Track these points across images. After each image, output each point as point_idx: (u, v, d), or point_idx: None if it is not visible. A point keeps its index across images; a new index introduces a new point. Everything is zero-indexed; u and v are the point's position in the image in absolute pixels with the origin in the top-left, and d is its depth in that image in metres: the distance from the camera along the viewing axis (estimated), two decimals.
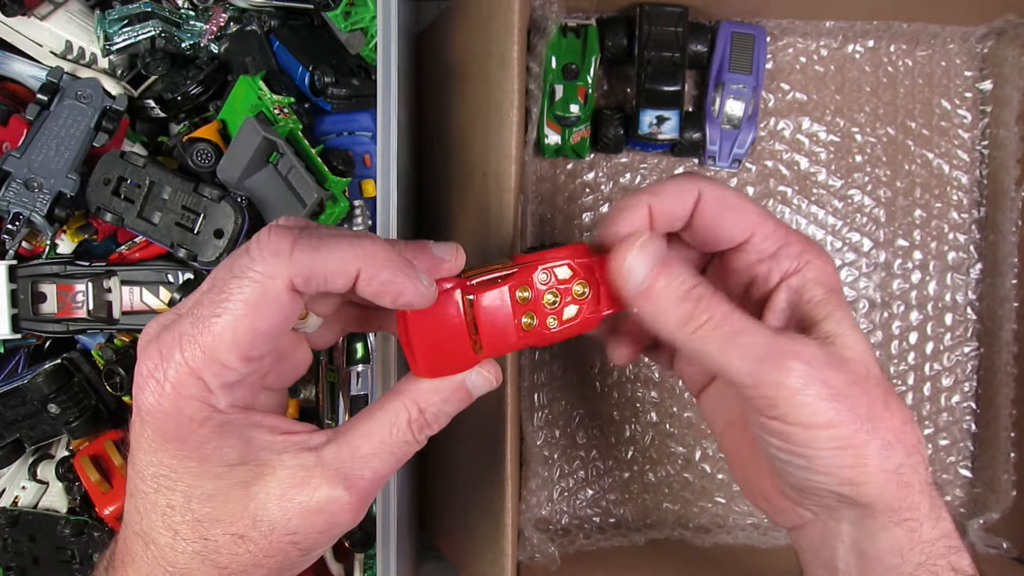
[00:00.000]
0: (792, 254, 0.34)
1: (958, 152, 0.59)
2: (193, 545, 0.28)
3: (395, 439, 0.31)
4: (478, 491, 0.47)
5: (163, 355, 0.27)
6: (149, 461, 0.28)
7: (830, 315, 0.32)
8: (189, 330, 0.27)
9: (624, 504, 0.59)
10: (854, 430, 0.30)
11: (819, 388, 0.30)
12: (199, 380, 0.27)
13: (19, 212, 0.46)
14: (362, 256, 0.28)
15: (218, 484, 0.28)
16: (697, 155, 0.58)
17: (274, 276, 0.27)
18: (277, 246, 0.27)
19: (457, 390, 0.32)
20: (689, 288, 0.31)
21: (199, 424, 0.27)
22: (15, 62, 0.51)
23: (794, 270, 0.34)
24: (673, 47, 0.54)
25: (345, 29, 0.50)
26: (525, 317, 0.32)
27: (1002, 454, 0.56)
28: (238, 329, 0.27)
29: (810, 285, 0.33)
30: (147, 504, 0.29)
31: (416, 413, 0.31)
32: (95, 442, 0.51)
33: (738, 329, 0.31)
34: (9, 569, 0.52)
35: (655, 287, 0.31)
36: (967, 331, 0.60)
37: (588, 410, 0.59)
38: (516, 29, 0.41)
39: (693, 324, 0.31)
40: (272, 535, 0.28)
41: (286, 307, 0.27)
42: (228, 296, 0.27)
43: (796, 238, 0.34)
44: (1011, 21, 0.55)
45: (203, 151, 0.47)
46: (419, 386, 0.32)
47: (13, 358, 0.53)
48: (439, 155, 0.54)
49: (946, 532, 0.33)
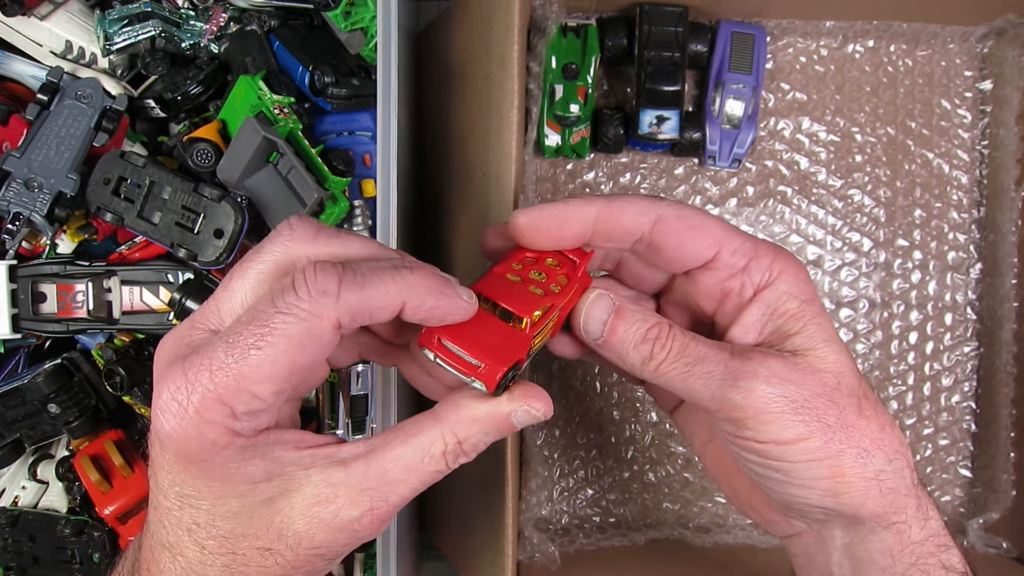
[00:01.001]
0: (763, 266, 0.33)
1: (958, 152, 0.59)
2: (222, 559, 0.28)
3: (427, 467, 0.30)
4: (478, 491, 0.47)
5: (188, 379, 0.27)
6: (172, 481, 0.28)
7: (803, 328, 0.32)
8: (223, 357, 0.27)
9: (624, 504, 0.59)
10: (825, 441, 0.30)
11: (782, 404, 0.30)
12: (225, 407, 0.27)
13: (19, 212, 0.46)
14: (406, 289, 0.28)
15: (243, 502, 0.28)
16: (697, 155, 0.58)
17: (321, 316, 0.27)
18: (325, 286, 0.27)
19: (501, 425, 0.31)
20: (645, 331, 0.32)
21: (222, 448, 0.27)
22: (15, 62, 0.51)
23: (767, 283, 0.33)
24: (673, 47, 0.54)
25: (345, 29, 0.50)
26: (531, 285, 0.32)
27: (1002, 454, 0.56)
28: (278, 363, 0.26)
29: (784, 298, 0.33)
30: (172, 520, 0.29)
31: (454, 444, 0.30)
32: (95, 442, 0.51)
33: (696, 358, 0.32)
34: (9, 569, 0.52)
35: (612, 338, 0.33)
36: (967, 331, 0.60)
37: (588, 410, 0.59)
38: (516, 29, 0.41)
39: (654, 362, 0.32)
40: (299, 548, 0.28)
41: (328, 345, 0.28)
42: (272, 330, 0.26)
43: (765, 250, 0.34)
44: (1011, 21, 0.55)
45: (203, 151, 0.47)
46: (460, 415, 0.30)
47: (13, 358, 0.53)
48: (439, 155, 0.54)
49: (935, 531, 0.33)
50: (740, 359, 0.31)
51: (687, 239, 0.33)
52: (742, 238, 0.33)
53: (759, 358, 0.31)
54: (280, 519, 0.28)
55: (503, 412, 0.31)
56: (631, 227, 0.33)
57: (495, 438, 0.31)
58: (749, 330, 0.33)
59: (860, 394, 0.32)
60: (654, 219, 0.33)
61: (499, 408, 0.31)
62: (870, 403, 0.32)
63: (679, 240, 0.33)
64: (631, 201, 0.33)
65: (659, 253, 0.34)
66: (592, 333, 0.33)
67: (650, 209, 0.33)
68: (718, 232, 0.33)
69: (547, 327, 0.33)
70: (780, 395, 0.30)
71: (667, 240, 0.33)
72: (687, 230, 0.33)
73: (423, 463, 0.30)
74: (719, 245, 0.33)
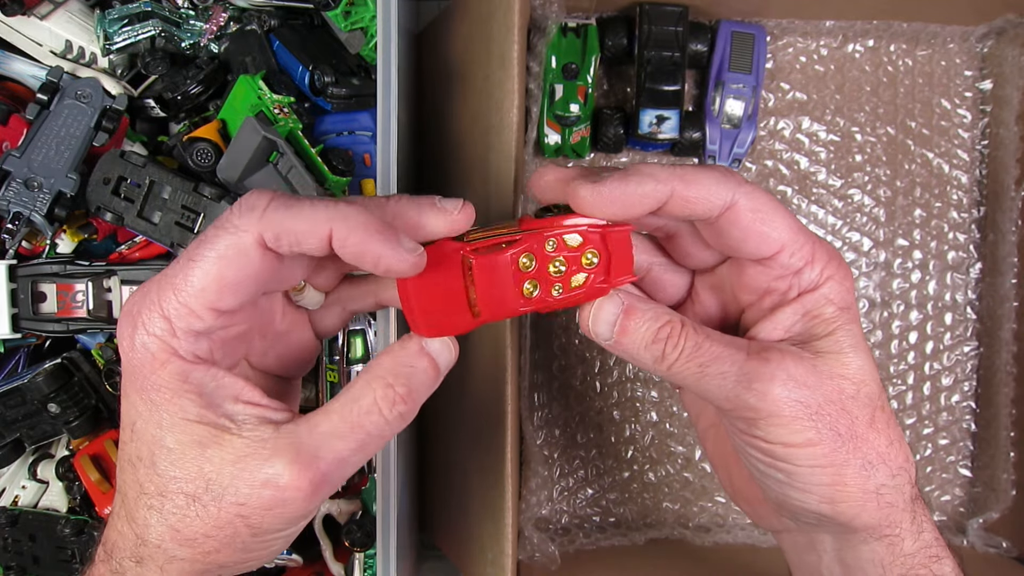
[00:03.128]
0: (815, 271, 0.32)
1: (958, 152, 0.59)
2: (152, 500, 0.29)
3: (361, 421, 0.29)
4: (478, 491, 0.47)
5: (141, 296, 0.29)
6: (127, 408, 0.30)
7: (833, 333, 0.32)
8: (168, 274, 0.29)
9: (624, 503, 0.59)
10: (833, 448, 0.30)
11: (795, 408, 0.30)
12: (165, 319, 0.28)
13: (19, 212, 0.46)
14: (335, 217, 0.28)
15: (177, 439, 0.28)
16: (697, 155, 0.58)
17: (247, 229, 0.28)
18: (253, 203, 0.29)
19: (419, 356, 0.31)
20: (656, 330, 0.32)
21: (161, 365, 0.28)
22: (15, 62, 0.51)
23: (812, 287, 0.32)
24: (673, 47, 0.54)
25: (345, 29, 0.50)
26: (528, 284, 0.31)
27: (1002, 454, 0.56)
28: (207, 276, 0.28)
29: (822, 302, 0.32)
30: (124, 457, 0.30)
31: (383, 388, 0.30)
32: (95, 442, 0.51)
33: (711, 358, 0.31)
34: (9, 569, 0.52)
35: (623, 338, 0.32)
36: (967, 330, 0.60)
37: (588, 410, 0.59)
38: (516, 29, 0.41)
39: (667, 362, 0.32)
40: (221, 502, 0.28)
41: (255, 262, 0.28)
42: (206, 246, 0.28)
43: (821, 254, 0.32)
44: (1011, 21, 0.55)
45: (203, 151, 0.47)
46: (380, 362, 0.31)
47: (13, 358, 0.53)
48: (439, 155, 0.54)
49: (927, 543, 0.33)
50: (757, 359, 0.31)
51: (753, 233, 0.32)
52: (804, 239, 0.32)
53: (777, 359, 0.31)
54: (209, 468, 0.28)
55: (414, 341, 0.31)
56: (702, 211, 0.31)
57: (423, 377, 0.31)
58: (778, 327, 0.33)
59: (877, 405, 0.32)
60: (727, 203, 0.31)
61: (410, 339, 0.31)
62: (884, 415, 0.32)
63: (744, 232, 0.32)
64: (707, 181, 0.31)
65: (719, 237, 0.33)
66: (602, 335, 0.32)
67: (726, 193, 0.31)
68: (785, 232, 0.32)
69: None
70: (795, 399, 0.30)
71: (732, 229, 0.32)
72: (756, 223, 0.31)
73: (356, 416, 0.29)
74: (781, 245, 0.32)
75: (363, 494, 0.52)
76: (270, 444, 0.28)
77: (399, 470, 0.45)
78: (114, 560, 0.30)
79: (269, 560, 0.31)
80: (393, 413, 0.30)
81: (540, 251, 0.31)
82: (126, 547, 0.29)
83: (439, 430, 0.54)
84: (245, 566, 0.31)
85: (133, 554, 0.29)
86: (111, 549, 0.30)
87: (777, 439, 0.30)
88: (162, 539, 0.29)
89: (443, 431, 0.53)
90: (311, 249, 0.29)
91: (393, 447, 0.44)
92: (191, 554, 0.29)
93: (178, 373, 0.28)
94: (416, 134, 0.54)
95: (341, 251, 0.29)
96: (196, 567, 0.29)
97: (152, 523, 0.29)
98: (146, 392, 0.29)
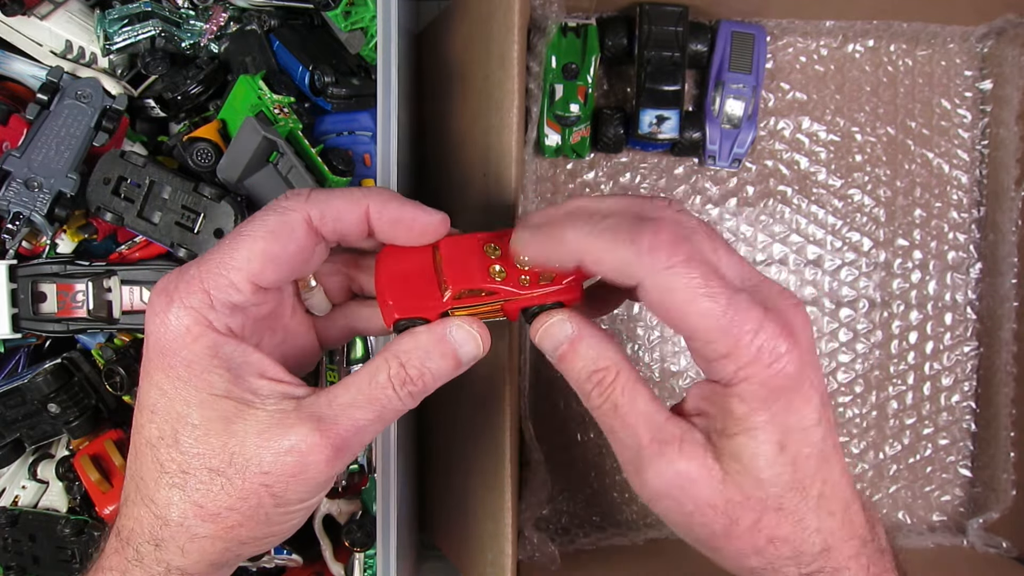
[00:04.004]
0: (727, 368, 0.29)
1: (958, 152, 0.59)
2: (174, 479, 0.29)
3: (375, 393, 0.30)
4: (478, 491, 0.47)
5: (178, 274, 0.30)
6: (147, 389, 0.30)
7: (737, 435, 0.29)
8: (210, 253, 0.30)
9: (624, 503, 0.59)
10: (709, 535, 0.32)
11: (670, 503, 0.31)
12: (204, 293, 0.29)
13: (19, 212, 0.46)
14: (369, 194, 0.32)
15: (202, 414, 0.29)
16: (697, 155, 0.58)
17: (295, 209, 0.31)
18: (297, 192, 0.32)
19: (439, 342, 0.32)
20: (590, 372, 0.32)
21: (194, 339, 0.29)
22: (15, 62, 0.51)
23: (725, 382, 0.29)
24: (673, 47, 0.54)
25: (345, 29, 0.50)
26: (495, 267, 0.32)
27: (1002, 454, 0.56)
28: (253, 249, 0.30)
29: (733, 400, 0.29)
30: (141, 441, 0.30)
31: (396, 367, 0.31)
32: (95, 442, 0.51)
33: (619, 426, 0.32)
34: (9, 569, 0.52)
35: (561, 363, 0.33)
36: (967, 331, 0.60)
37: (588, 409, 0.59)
38: (516, 29, 0.41)
39: (589, 403, 0.33)
40: (246, 473, 0.29)
41: (300, 239, 0.31)
42: (254, 223, 0.31)
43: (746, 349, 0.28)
44: (1011, 21, 0.55)
45: (203, 151, 0.47)
46: (400, 341, 0.32)
47: (13, 358, 0.53)
48: (439, 155, 0.54)
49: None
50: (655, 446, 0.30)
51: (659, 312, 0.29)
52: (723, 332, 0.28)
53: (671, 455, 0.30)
54: (233, 442, 0.29)
55: (438, 331, 0.32)
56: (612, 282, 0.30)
57: (439, 364, 0.32)
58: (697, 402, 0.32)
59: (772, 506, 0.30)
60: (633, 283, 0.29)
61: (437, 325, 0.32)
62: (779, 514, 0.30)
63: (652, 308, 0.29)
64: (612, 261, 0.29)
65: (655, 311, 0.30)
66: (545, 350, 0.33)
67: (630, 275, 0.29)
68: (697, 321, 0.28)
69: (481, 310, 0.33)
70: (672, 498, 0.31)
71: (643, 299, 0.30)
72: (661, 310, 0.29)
73: (371, 387, 0.31)
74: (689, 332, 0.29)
75: (363, 494, 0.52)
76: (292, 415, 0.29)
77: (399, 470, 0.45)
78: (130, 547, 0.30)
79: (289, 535, 0.32)
80: (403, 391, 0.31)
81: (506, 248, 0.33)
82: (143, 531, 0.30)
83: (439, 430, 0.54)
84: (266, 542, 0.31)
85: (152, 537, 0.30)
86: (127, 536, 0.30)
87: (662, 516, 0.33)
88: (185, 516, 0.29)
89: (443, 431, 0.53)
90: (350, 225, 0.32)
91: (393, 447, 0.44)
92: (214, 530, 0.29)
93: (210, 346, 0.29)
94: (416, 134, 0.54)
95: (378, 221, 0.32)
96: (218, 545, 0.30)
97: (175, 501, 0.29)
98: (174, 369, 0.29)
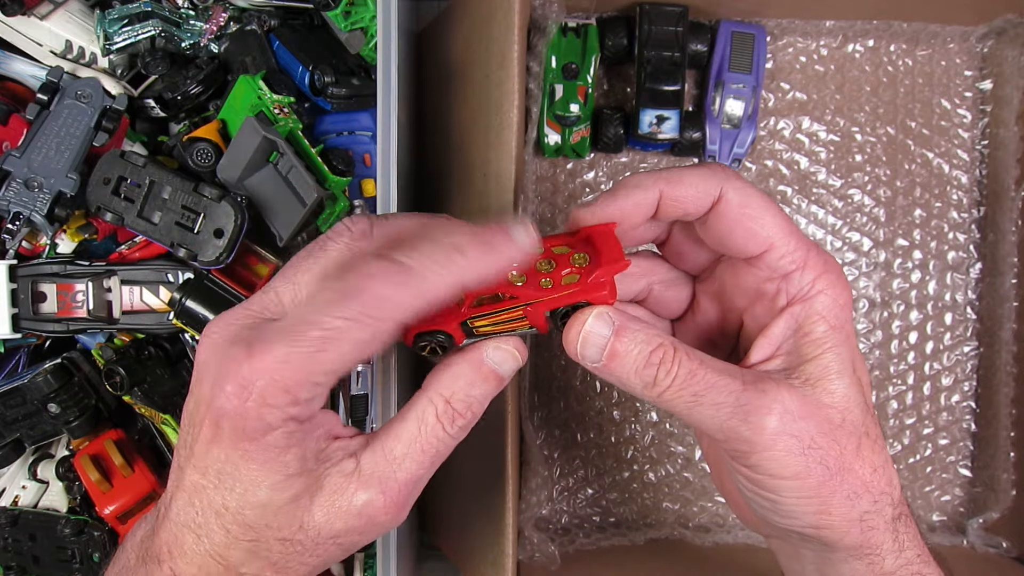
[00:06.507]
0: (806, 279, 0.31)
1: (958, 152, 0.59)
2: (246, 544, 0.29)
3: (426, 436, 0.30)
4: (478, 491, 0.47)
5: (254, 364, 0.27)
6: (217, 456, 0.28)
7: (820, 356, 0.31)
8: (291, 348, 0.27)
9: (624, 503, 0.59)
10: (821, 482, 0.30)
11: (789, 442, 0.30)
12: (289, 395, 0.27)
13: (19, 212, 0.46)
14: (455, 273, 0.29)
15: (272, 495, 0.29)
16: (697, 154, 0.58)
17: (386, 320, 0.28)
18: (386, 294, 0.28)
19: (478, 368, 0.31)
20: (648, 354, 0.30)
21: (274, 429, 0.28)
22: (15, 62, 0.51)
23: (802, 297, 0.32)
24: (673, 47, 0.54)
25: (345, 29, 0.50)
26: (513, 273, 0.31)
27: (1002, 453, 0.56)
28: (343, 361, 0.28)
29: (813, 318, 0.31)
30: (204, 500, 0.29)
31: (443, 404, 0.31)
32: (95, 442, 0.51)
33: (705, 388, 0.30)
34: (9, 569, 0.52)
35: (612, 363, 0.31)
36: (967, 330, 0.60)
37: (588, 409, 0.59)
38: (516, 29, 0.41)
39: (658, 388, 0.30)
40: (319, 538, 0.29)
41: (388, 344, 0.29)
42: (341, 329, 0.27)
43: (815, 262, 0.31)
44: (1011, 21, 0.55)
45: (203, 151, 0.47)
46: (439, 375, 0.31)
47: (13, 358, 0.53)
48: (439, 155, 0.54)
49: (908, 560, 0.33)
50: (753, 390, 0.30)
51: (739, 228, 0.31)
52: (796, 243, 0.31)
53: (772, 391, 0.30)
54: (302, 513, 0.29)
55: (475, 354, 0.31)
56: (693, 208, 0.31)
57: (483, 390, 0.31)
58: (770, 343, 0.32)
59: (863, 431, 0.31)
60: (715, 197, 0.31)
61: (472, 352, 0.31)
62: (869, 441, 0.32)
63: (731, 226, 0.31)
64: (692, 179, 0.31)
65: (708, 231, 0.33)
66: (590, 358, 0.31)
67: (712, 187, 0.31)
68: (774, 230, 0.31)
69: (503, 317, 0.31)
70: (789, 433, 0.30)
71: (720, 223, 0.32)
72: (743, 218, 0.31)
73: (421, 432, 0.30)
74: (770, 243, 0.31)
75: None
76: (355, 478, 0.29)
77: None
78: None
79: None
80: (454, 428, 0.31)
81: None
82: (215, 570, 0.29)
83: None
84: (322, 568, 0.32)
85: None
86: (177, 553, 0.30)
87: (767, 472, 0.30)
88: (262, 571, 0.29)
89: None
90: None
91: None
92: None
93: (288, 435, 0.28)
94: (416, 134, 0.54)
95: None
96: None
97: (247, 560, 0.29)
98: (250, 451, 0.28)
